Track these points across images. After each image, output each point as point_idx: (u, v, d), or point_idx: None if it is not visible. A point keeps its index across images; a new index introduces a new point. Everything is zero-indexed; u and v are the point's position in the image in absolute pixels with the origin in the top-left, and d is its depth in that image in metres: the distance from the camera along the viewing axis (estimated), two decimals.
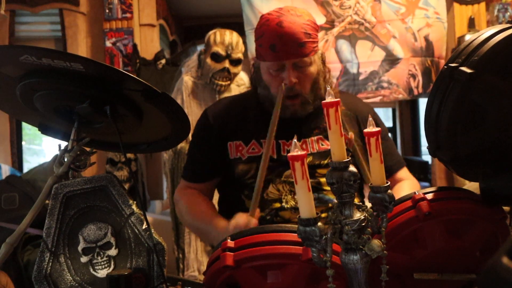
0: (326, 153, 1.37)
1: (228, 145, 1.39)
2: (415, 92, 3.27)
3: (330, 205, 1.30)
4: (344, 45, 3.21)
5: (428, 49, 3.28)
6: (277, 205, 1.31)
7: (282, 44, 1.28)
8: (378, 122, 1.49)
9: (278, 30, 1.29)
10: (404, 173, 1.47)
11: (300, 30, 1.29)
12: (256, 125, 1.39)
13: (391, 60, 3.22)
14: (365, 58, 3.22)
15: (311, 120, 1.39)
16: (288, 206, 1.31)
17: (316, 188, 1.32)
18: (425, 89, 3.25)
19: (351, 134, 1.42)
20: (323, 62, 1.41)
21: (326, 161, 1.36)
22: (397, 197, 1.28)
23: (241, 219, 1.21)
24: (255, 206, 1.24)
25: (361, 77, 3.21)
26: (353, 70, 3.21)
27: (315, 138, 1.38)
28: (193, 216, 1.41)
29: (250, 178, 1.36)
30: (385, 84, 3.23)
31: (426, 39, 3.27)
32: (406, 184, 1.40)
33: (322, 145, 1.38)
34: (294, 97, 1.34)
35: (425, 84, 3.23)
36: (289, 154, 0.64)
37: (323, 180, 1.33)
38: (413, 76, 3.24)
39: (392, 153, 1.49)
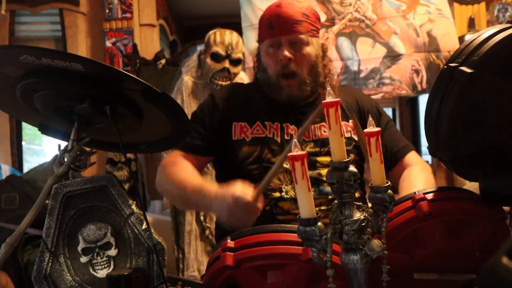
0: (327, 141, 1.38)
1: (233, 125, 1.38)
2: (419, 88, 3.23)
3: (330, 197, 1.30)
4: (344, 42, 3.19)
5: (432, 44, 3.23)
6: (277, 194, 1.31)
7: (279, 22, 1.33)
8: (380, 111, 1.50)
9: (276, 10, 1.35)
10: (412, 156, 1.44)
11: (298, 10, 1.34)
12: (260, 107, 1.40)
13: (393, 56, 3.19)
14: (366, 55, 3.20)
15: (313, 107, 1.39)
16: (287, 196, 1.31)
17: (317, 180, 1.32)
18: (430, 84, 3.18)
19: (352, 122, 1.42)
20: (324, 52, 1.44)
21: (326, 149, 1.35)
22: (408, 184, 1.28)
23: (238, 189, 1.12)
24: (260, 192, 1.17)
25: (362, 75, 3.18)
26: (354, 67, 3.19)
27: (317, 125, 1.38)
28: (178, 182, 1.31)
29: (253, 164, 1.35)
30: (387, 81, 3.20)
31: (429, 34, 3.22)
32: (416, 170, 1.36)
33: (325, 131, 1.39)
34: (289, 76, 1.35)
35: (430, 79, 3.18)
36: (289, 154, 0.64)
37: (323, 171, 1.32)
38: (417, 72, 3.20)
39: (399, 138, 1.47)
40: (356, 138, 1.41)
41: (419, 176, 1.31)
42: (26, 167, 3.77)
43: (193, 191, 1.26)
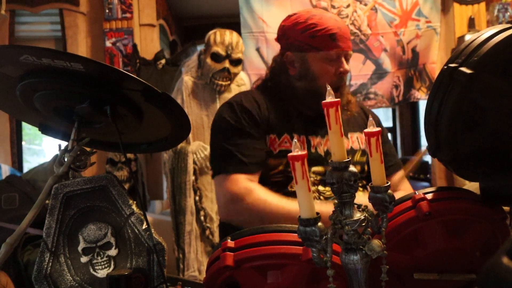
0: (351, 151, 1.43)
1: (265, 137, 1.37)
2: (396, 100, 3.56)
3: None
4: None
5: (414, 60, 3.52)
6: None
7: (341, 34, 1.36)
8: (381, 123, 1.56)
9: (334, 22, 1.36)
10: (398, 177, 1.50)
11: (347, 27, 1.43)
12: (286, 119, 1.39)
13: (380, 74, 3.48)
14: (357, 71, 3.46)
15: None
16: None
17: None
18: (405, 96, 3.56)
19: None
20: None
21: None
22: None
23: None
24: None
25: (351, 89, 3.44)
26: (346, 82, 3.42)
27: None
28: (275, 209, 1.25)
29: (278, 174, 1.34)
30: (371, 95, 3.51)
31: (414, 50, 3.51)
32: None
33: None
34: (338, 89, 1.39)
35: (405, 92, 3.54)
36: (289, 154, 0.64)
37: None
38: (396, 87, 3.53)
39: (391, 155, 1.52)
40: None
41: None
42: (26, 167, 3.77)
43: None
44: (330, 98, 0.66)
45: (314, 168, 1.34)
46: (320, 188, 1.33)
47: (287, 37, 1.42)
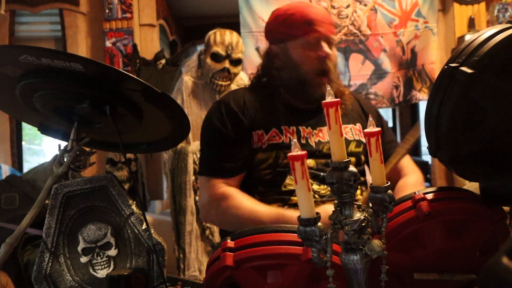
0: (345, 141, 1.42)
1: (252, 134, 1.37)
2: (396, 101, 3.58)
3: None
4: (338, 57, 3.43)
5: (412, 60, 3.54)
6: (295, 198, 1.31)
7: (318, 20, 1.37)
8: (379, 113, 1.57)
9: (311, 8, 1.40)
10: (406, 161, 1.50)
11: (327, 12, 1.44)
12: (275, 112, 1.40)
13: (379, 74, 3.50)
14: (356, 72, 3.48)
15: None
16: None
17: None
18: (405, 97, 3.58)
19: (359, 125, 1.44)
20: None
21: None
22: (403, 191, 1.33)
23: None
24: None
25: (351, 89, 3.47)
26: (345, 82, 3.45)
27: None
28: (247, 215, 1.28)
29: (267, 169, 1.34)
30: (372, 96, 3.53)
31: (412, 51, 3.53)
32: (411, 183, 1.43)
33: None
34: (324, 74, 1.38)
35: (405, 93, 3.57)
36: (289, 154, 0.64)
37: None
38: (396, 87, 3.55)
39: (394, 141, 1.54)
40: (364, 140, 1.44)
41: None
42: (26, 167, 3.77)
43: (272, 219, 1.24)
44: (329, 98, 0.66)
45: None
46: (315, 187, 1.32)
47: (270, 32, 1.48)
